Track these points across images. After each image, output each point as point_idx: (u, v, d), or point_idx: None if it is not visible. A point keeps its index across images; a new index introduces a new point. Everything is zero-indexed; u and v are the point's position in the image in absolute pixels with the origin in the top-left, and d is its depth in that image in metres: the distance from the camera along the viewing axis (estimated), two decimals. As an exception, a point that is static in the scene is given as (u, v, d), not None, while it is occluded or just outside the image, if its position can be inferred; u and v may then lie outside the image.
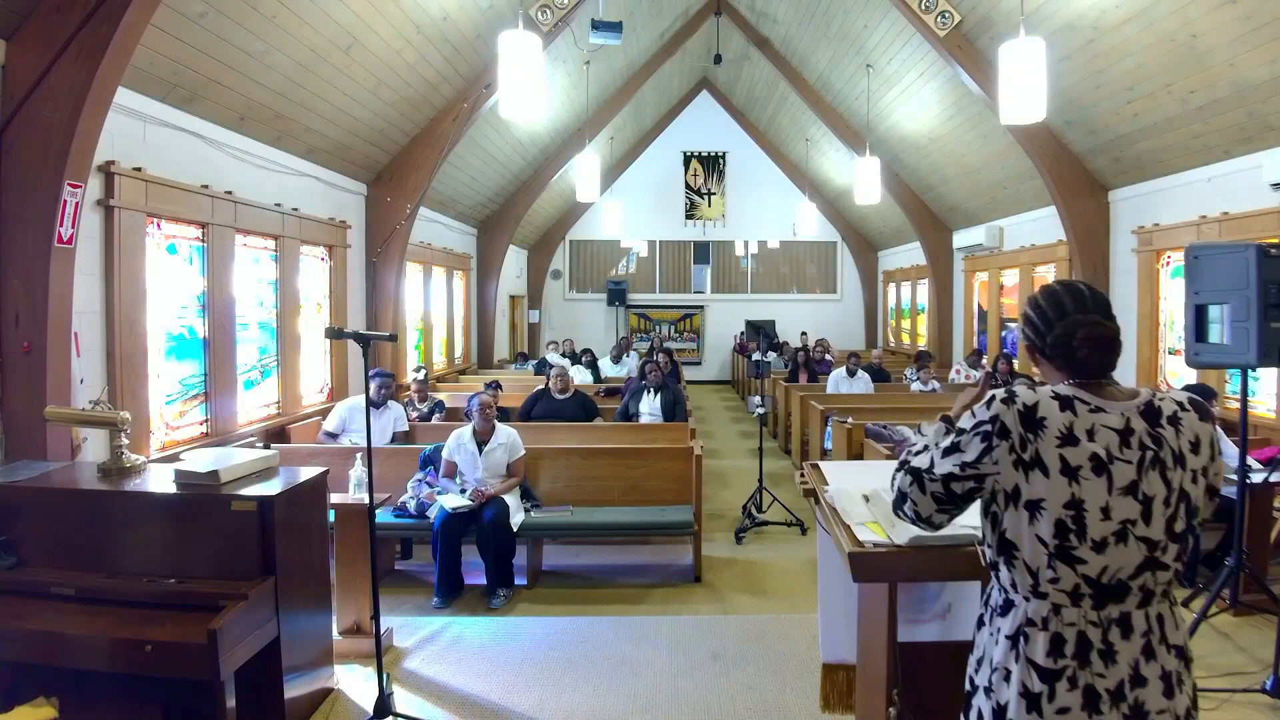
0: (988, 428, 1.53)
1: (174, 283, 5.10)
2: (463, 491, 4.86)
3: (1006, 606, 1.55)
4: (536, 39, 5.24)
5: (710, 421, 11.76)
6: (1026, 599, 1.52)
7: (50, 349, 3.67)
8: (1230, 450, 4.56)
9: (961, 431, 1.57)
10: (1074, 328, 1.56)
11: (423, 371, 7.52)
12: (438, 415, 7.02)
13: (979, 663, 1.61)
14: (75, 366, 3.87)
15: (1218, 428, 1.62)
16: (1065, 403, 1.51)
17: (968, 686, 1.63)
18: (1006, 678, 1.51)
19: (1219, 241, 5.84)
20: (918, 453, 1.70)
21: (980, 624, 1.64)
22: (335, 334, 3.18)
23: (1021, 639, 1.51)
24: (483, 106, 7.74)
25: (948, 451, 1.57)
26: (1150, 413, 1.52)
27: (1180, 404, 1.55)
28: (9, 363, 3.66)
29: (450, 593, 4.67)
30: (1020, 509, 1.50)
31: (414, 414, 6.81)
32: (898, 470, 1.70)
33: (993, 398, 1.55)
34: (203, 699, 2.72)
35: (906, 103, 9.68)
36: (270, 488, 3.03)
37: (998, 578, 1.59)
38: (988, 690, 1.55)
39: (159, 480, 3.13)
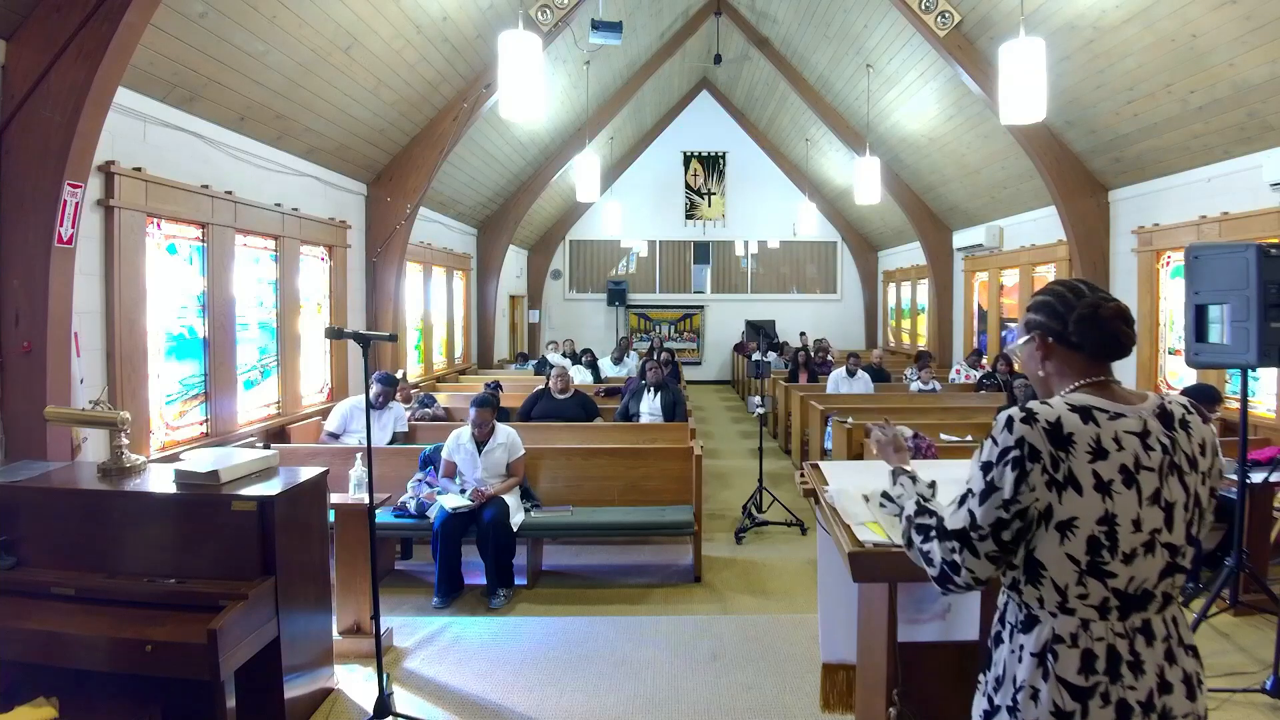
0: (1016, 453, 1.45)
1: (174, 283, 5.10)
2: (462, 491, 4.86)
3: (1030, 623, 1.49)
4: (536, 39, 5.23)
5: (710, 421, 11.76)
6: (1053, 614, 1.47)
7: (50, 349, 3.67)
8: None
9: (989, 466, 1.48)
10: (1099, 302, 1.55)
11: (400, 372, 7.39)
12: (430, 409, 7.01)
13: (998, 681, 1.53)
14: (75, 366, 3.87)
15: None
16: (1085, 414, 1.46)
17: (985, 705, 1.55)
18: (1034, 696, 1.45)
19: (1219, 241, 5.84)
20: (916, 513, 1.62)
21: (998, 641, 1.57)
22: (335, 334, 3.18)
23: (1050, 656, 1.45)
24: (483, 106, 7.74)
25: (984, 496, 1.47)
26: (1165, 417, 1.50)
27: (1186, 408, 1.53)
28: (9, 363, 3.66)
29: (450, 593, 4.67)
30: (1051, 529, 1.44)
31: (410, 413, 6.81)
32: (923, 540, 1.58)
33: (1011, 420, 1.47)
34: (203, 699, 2.72)
35: (906, 103, 9.68)
36: (270, 488, 3.03)
37: (1019, 593, 1.52)
38: (1012, 709, 1.48)
39: (159, 480, 3.14)
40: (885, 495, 1.88)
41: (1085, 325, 1.54)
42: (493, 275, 12.32)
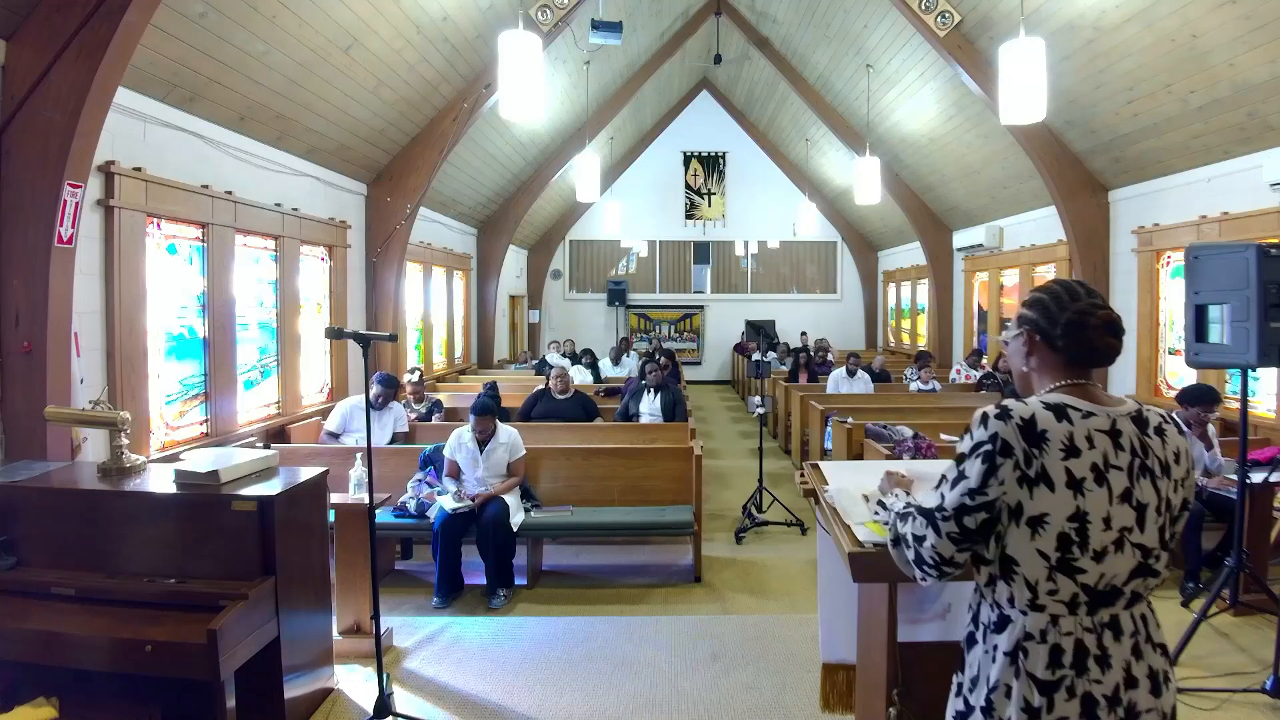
0: (988, 447, 1.48)
1: (174, 283, 5.09)
2: (459, 497, 4.82)
3: (1003, 623, 1.52)
4: (536, 39, 5.23)
5: (710, 421, 11.76)
6: (1024, 613, 1.50)
7: (50, 349, 3.67)
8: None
9: (963, 457, 1.52)
10: (1091, 309, 1.55)
11: (417, 373, 7.50)
12: (437, 415, 7.02)
13: (974, 682, 1.56)
14: (75, 366, 3.86)
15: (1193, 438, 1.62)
16: (1059, 412, 1.49)
17: (960, 706, 1.59)
18: (1008, 694, 1.48)
19: (1219, 241, 5.84)
20: (903, 509, 1.67)
21: (971, 642, 1.60)
22: (335, 334, 3.18)
23: (1021, 654, 1.48)
24: (483, 106, 7.74)
25: (954, 482, 1.52)
26: (1140, 421, 1.53)
27: (1164, 417, 1.56)
28: (9, 363, 3.66)
29: (450, 593, 4.67)
30: (1022, 525, 1.47)
31: (412, 414, 6.81)
32: (902, 524, 1.65)
33: (986, 415, 1.50)
34: (203, 699, 2.72)
35: (906, 103, 9.68)
36: (270, 488, 3.03)
37: (992, 593, 1.55)
38: (986, 710, 1.51)
39: (159, 480, 3.13)
40: (880, 504, 1.94)
41: (1071, 331, 1.56)
42: (493, 275, 12.32)
